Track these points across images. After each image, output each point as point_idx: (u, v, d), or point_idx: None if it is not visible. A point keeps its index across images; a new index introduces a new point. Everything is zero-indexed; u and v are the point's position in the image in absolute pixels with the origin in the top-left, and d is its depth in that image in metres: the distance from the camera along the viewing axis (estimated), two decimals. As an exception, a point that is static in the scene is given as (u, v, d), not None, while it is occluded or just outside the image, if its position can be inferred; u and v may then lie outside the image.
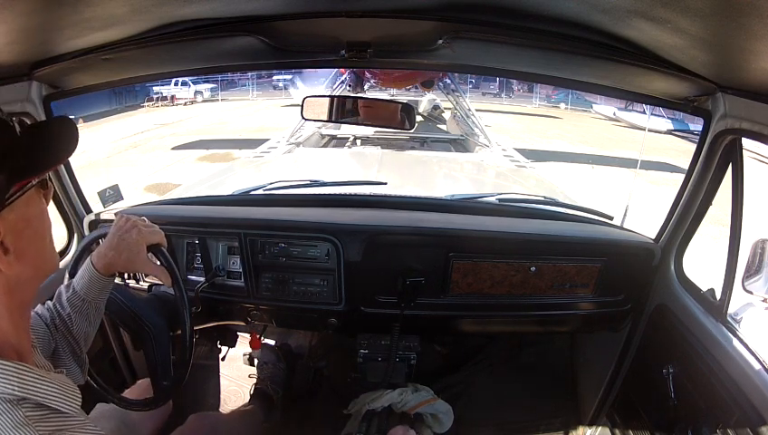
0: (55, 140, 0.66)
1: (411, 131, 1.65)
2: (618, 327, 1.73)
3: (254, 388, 1.93)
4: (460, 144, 5.56)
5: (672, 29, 0.84)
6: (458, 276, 1.54)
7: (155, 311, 1.28)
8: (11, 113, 1.32)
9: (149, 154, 10.74)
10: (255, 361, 2.01)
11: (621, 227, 1.82)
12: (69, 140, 0.68)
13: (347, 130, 5.49)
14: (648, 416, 1.60)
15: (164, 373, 1.21)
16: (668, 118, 14.10)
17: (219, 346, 2.16)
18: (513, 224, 1.63)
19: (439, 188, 3.06)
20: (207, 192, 2.39)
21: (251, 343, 1.92)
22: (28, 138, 0.62)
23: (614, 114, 16.67)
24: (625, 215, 2.54)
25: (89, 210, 1.68)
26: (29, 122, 1.39)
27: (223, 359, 2.10)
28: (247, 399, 1.93)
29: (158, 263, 1.17)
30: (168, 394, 1.22)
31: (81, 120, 13.46)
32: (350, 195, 1.93)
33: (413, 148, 5.15)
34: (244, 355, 2.00)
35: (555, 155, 10.72)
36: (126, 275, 1.65)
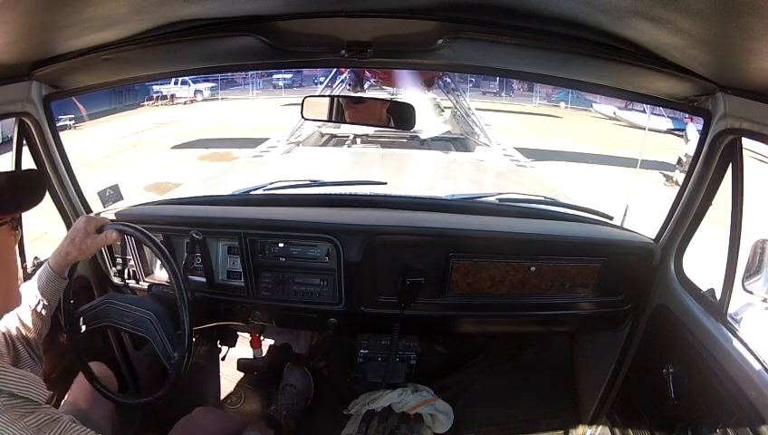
0: (33, 188, 0.82)
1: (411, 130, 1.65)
2: (618, 327, 1.73)
3: (267, 415, 1.65)
4: (460, 143, 5.55)
5: (672, 29, 0.84)
6: (458, 276, 1.54)
7: (155, 302, 1.30)
8: (11, 113, 1.32)
9: (149, 153, 10.74)
10: (252, 367, 1.91)
11: (621, 227, 1.82)
12: (40, 192, 0.83)
13: (346, 128, 5.49)
14: (648, 416, 1.60)
15: (173, 346, 1.21)
16: (669, 117, 14.08)
17: (219, 346, 2.15)
18: (513, 224, 1.62)
19: (439, 188, 3.06)
20: (207, 192, 2.39)
21: (251, 343, 1.92)
22: (8, 181, 0.76)
23: (614, 113, 16.64)
24: (625, 215, 2.55)
25: (89, 210, 1.68)
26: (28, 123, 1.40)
27: (223, 359, 2.09)
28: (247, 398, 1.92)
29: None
30: (178, 377, 1.21)
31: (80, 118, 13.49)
32: (350, 195, 1.92)
33: (413, 147, 5.14)
34: (239, 360, 1.90)
35: (555, 154, 10.72)
36: (126, 275, 1.66)
